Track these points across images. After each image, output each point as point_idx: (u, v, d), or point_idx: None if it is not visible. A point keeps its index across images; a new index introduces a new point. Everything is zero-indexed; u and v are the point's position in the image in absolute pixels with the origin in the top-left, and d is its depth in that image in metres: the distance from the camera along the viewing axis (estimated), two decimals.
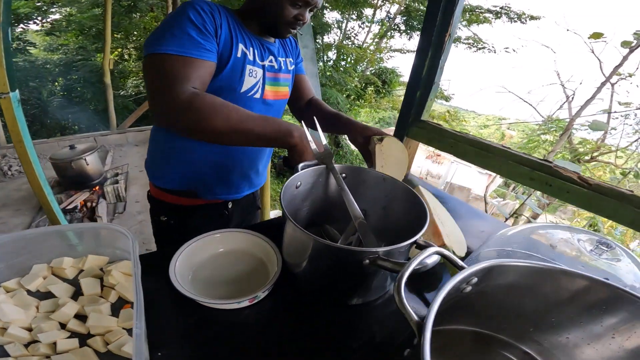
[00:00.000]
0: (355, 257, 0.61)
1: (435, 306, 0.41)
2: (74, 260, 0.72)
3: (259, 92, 0.96)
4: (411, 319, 0.41)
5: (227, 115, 0.74)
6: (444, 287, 0.44)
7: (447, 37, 1.43)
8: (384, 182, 0.88)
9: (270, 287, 0.71)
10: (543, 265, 0.53)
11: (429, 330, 0.38)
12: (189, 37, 0.76)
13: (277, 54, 1.03)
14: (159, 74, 0.74)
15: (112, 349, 0.56)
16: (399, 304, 0.43)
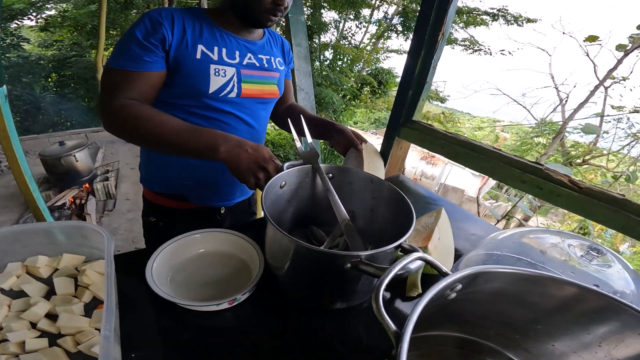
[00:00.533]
0: (337, 261, 0.59)
1: (415, 316, 0.39)
2: (49, 259, 0.70)
3: (235, 91, 0.94)
4: (389, 328, 0.39)
5: (149, 128, 0.78)
6: (425, 295, 0.42)
7: (440, 36, 1.41)
8: (372, 183, 0.86)
9: (252, 289, 0.69)
10: (530, 272, 0.51)
11: (406, 342, 0.36)
12: (130, 51, 0.81)
13: (259, 52, 1.00)
14: (101, 87, 0.83)
15: (83, 349, 0.55)
16: (377, 313, 0.41)
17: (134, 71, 0.81)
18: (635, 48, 5.92)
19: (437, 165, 14.76)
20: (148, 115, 0.79)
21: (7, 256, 0.68)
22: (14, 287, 0.65)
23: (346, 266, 0.58)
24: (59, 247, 0.71)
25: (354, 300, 0.72)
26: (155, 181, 1.08)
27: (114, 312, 0.50)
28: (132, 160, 4.74)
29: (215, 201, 1.11)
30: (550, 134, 8.14)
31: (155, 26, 0.82)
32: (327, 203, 0.82)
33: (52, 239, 0.71)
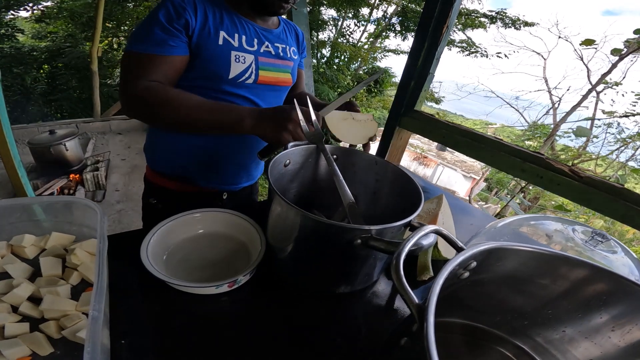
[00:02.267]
0: (346, 235, 0.57)
1: (437, 288, 0.37)
2: (36, 238, 0.65)
3: (252, 78, 0.94)
4: (411, 301, 0.37)
5: (176, 106, 0.78)
6: (444, 268, 0.41)
7: (445, 29, 1.42)
8: (376, 165, 0.86)
9: (252, 271, 0.66)
10: (547, 250, 0.50)
11: (432, 314, 0.34)
12: (154, 35, 0.80)
13: (275, 41, 1.01)
14: (123, 70, 0.83)
15: (67, 334, 0.50)
16: (398, 284, 0.39)
17: (159, 55, 0.81)
18: (631, 52, 5.97)
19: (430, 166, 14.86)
20: (173, 95, 0.79)
21: None
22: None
23: (356, 242, 0.56)
24: (47, 225, 0.66)
25: (357, 284, 0.71)
26: (161, 162, 1.08)
27: (105, 292, 0.46)
28: (122, 152, 4.66)
29: (220, 184, 1.10)
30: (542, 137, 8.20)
31: (178, 11, 0.82)
32: (329, 185, 0.82)
33: (40, 216, 0.66)
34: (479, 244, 0.46)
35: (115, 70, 8.49)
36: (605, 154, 7.61)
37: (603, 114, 7.22)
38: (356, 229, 0.56)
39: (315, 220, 0.58)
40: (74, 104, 6.95)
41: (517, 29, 9.51)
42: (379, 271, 0.73)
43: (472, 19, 9.42)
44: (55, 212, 0.67)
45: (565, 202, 8.42)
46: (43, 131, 3.66)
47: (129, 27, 8.39)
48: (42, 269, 0.59)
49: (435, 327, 0.56)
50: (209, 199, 1.12)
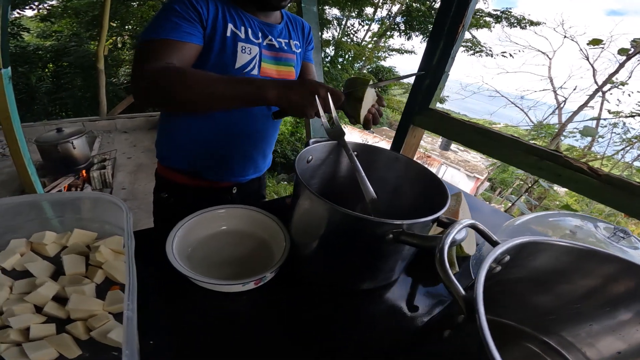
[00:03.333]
0: (378, 230, 0.56)
1: (482, 279, 0.37)
2: (56, 235, 0.63)
3: (256, 69, 0.96)
4: (458, 293, 0.38)
5: (195, 81, 0.74)
6: (486, 260, 0.41)
7: (461, 28, 1.41)
8: (397, 161, 0.85)
9: (278, 267, 0.65)
10: (581, 246, 0.50)
11: (481, 304, 0.34)
12: (171, 23, 0.81)
13: (278, 35, 1.03)
14: (138, 57, 0.81)
15: (96, 335, 0.48)
16: (444, 276, 0.39)
17: (177, 40, 0.81)
18: (638, 52, 5.93)
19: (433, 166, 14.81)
20: (192, 72, 0.76)
21: (9, 232, 0.61)
22: (17, 266, 0.58)
23: (388, 237, 0.55)
24: (68, 221, 0.64)
25: (381, 280, 0.70)
26: (172, 157, 1.08)
27: (136, 291, 0.44)
28: (128, 150, 4.66)
29: (228, 176, 1.11)
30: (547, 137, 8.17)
31: (192, 2, 0.84)
32: (349, 182, 0.83)
33: (61, 213, 0.64)
34: (513, 239, 0.47)
35: (119, 69, 8.50)
36: (611, 154, 7.57)
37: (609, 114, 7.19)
38: (389, 223, 0.55)
39: (347, 214, 0.56)
40: (78, 103, 6.96)
41: (522, 28, 9.47)
42: (402, 268, 0.72)
43: (477, 18, 9.37)
44: (76, 208, 0.65)
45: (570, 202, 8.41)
46: (50, 129, 3.66)
47: (132, 26, 8.41)
48: (65, 267, 0.57)
49: None
50: (219, 193, 1.13)
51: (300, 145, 8.67)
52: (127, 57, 8.71)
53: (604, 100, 7.83)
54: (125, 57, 8.72)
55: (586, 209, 7.06)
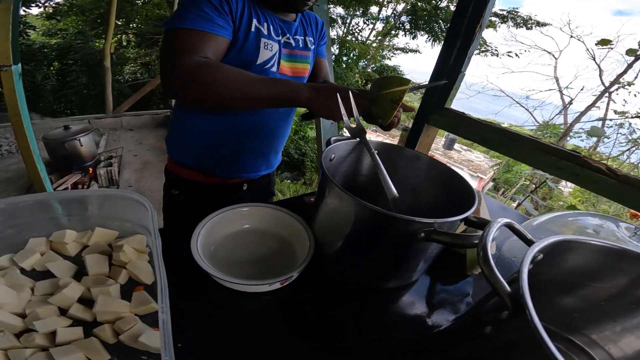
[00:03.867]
0: (410, 228, 0.55)
1: (525, 276, 0.38)
2: (77, 234, 0.61)
3: (275, 66, 0.97)
4: (503, 290, 0.39)
5: (233, 80, 0.74)
6: (526, 256, 0.41)
7: (478, 28, 1.40)
8: (418, 161, 0.84)
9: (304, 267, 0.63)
10: (614, 245, 0.49)
11: (529, 299, 0.35)
12: (203, 13, 0.78)
13: (294, 32, 1.03)
14: (169, 47, 0.77)
15: (125, 339, 0.46)
16: (490, 273, 0.40)
17: (209, 32, 0.79)
18: None
19: None
20: (229, 69, 0.75)
21: (27, 230, 0.59)
22: (36, 266, 0.56)
23: (419, 235, 0.55)
24: (88, 219, 0.63)
25: (406, 279, 0.70)
26: (183, 153, 1.08)
27: (167, 292, 0.42)
28: (134, 148, 4.66)
29: (240, 173, 1.12)
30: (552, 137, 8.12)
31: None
32: (369, 180, 0.85)
33: (79, 211, 0.63)
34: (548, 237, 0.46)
35: (124, 67, 8.50)
36: (616, 155, 7.53)
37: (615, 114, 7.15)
38: (420, 222, 0.54)
39: (379, 212, 0.55)
40: (84, 101, 6.97)
41: (528, 28, 9.42)
42: (425, 267, 0.71)
43: None
44: (96, 206, 0.63)
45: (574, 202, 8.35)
46: (56, 127, 3.65)
47: (137, 24, 8.41)
48: (88, 267, 0.55)
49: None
50: (230, 190, 1.14)
51: (303, 144, 8.67)
52: (132, 55, 8.71)
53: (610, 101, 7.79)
54: (130, 55, 8.73)
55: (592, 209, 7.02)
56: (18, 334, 0.46)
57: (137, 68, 8.50)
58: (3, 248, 0.57)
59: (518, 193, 8.41)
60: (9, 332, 0.44)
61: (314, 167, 7.64)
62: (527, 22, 9.20)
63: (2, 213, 0.55)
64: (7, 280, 0.51)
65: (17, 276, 0.52)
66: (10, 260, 0.55)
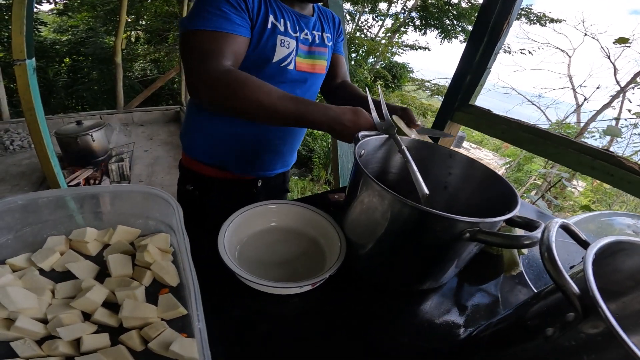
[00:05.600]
0: (454, 228, 0.52)
1: (591, 277, 0.36)
2: (98, 232, 0.58)
3: (292, 64, 0.95)
4: (572, 291, 0.37)
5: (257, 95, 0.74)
6: (588, 257, 0.39)
7: (506, 24, 1.38)
8: (450, 158, 0.80)
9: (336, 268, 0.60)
10: None
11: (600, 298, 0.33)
12: (222, 13, 0.77)
13: (312, 28, 1.02)
14: (194, 51, 0.77)
15: (155, 347, 0.42)
16: (556, 275, 0.38)
17: (231, 33, 0.78)
18: None
19: None
20: (257, 83, 0.75)
21: (46, 227, 0.56)
22: (56, 266, 0.53)
23: (465, 236, 0.52)
24: (108, 217, 0.60)
25: (442, 280, 0.67)
26: (200, 149, 1.07)
27: (200, 297, 0.39)
28: (145, 143, 4.66)
29: (256, 170, 1.11)
30: None
31: None
32: (398, 178, 0.83)
33: (99, 208, 0.59)
34: (602, 239, 0.44)
35: (134, 64, 8.52)
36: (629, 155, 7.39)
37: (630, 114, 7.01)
38: (466, 222, 0.51)
39: (421, 210, 0.51)
40: (95, 96, 7.00)
41: (542, 25, 9.26)
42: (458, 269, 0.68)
43: None
44: (118, 203, 0.60)
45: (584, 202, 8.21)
46: (69, 122, 3.67)
47: (145, 21, 8.41)
48: (111, 269, 0.52)
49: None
50: (244, 186, 1.13)
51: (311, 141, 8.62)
52: (142, 52, 8.73)
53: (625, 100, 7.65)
54: (139, 52, 8.74)
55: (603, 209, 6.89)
56: (39, 340, 0.42)
57: (146, 64, 8.51)
58: (20, 247, 0.54)
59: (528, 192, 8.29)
60: (31, 339, 0.41)
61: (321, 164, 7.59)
62: (541, 19, 9.04)
63: (20, 210, 0.52)
64: (26, 282, 0.48)
65: (37, 278, 0.49)
66: (28, 260, 0.52)
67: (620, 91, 7.39)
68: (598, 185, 7.88)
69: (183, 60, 0.80)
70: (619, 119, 7.55)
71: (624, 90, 7.46)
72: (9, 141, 4.12)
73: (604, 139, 7.67)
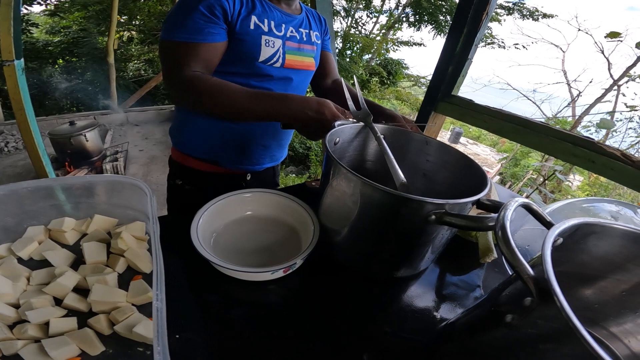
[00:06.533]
0: (420, 211, 0.53)
1: (549, 258, 0.34)
2: (76, 222, 0.60)
3: (280, 61, 0.97)
4: (527, 273, 0.35)
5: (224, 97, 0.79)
6: (547, 239, 0.38)
7: (485, 15, 1.40)
8: (427, 145, 0.81)
9: (308, 254, 0.61)
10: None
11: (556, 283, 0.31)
12: (194, 23, 0.81)
13: (299, 26, 1.03)
14: (167, 59, 0.84)
15: (120, 330, 0.44)
16: (510, 255, 0.37)
17: (201, 43, 0.83)
18: None
19: None
20: (219, 86, 0.80)
21: (27, 218, 0.58)
22: (34, 255, 0.55)
23: (430, 218, 0.52)
24: (88, 207, 0.61)
25: (416, 268, 0.67)
26: (189, 144, 1.09)
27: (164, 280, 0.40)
28: (140, 143, 4.67)
29: (244, 165, 1.12)
30: None
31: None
32: (376, 167, 0.83)
33: (78, 198, 0.61)
34: (568, 220, 0.42)
35: (128, 64, 8.50)
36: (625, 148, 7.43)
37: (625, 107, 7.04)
38: (432, 203, 0.52)
39: (387, 192, 0.52)
40: (90, 97, 6.99)
41: (534, 20, 9.28)
42: (435, 255, 0.69)
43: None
44: (96, 193, 0.62)
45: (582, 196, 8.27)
46: (63, 123, 3.67)
47: (139, 21, 8.38)
48: (85, 255, 0.53)
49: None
50: (233, 180, 1.14)
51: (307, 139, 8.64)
52: (135, 52, 8.70)
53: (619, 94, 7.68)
54: (133, 52, 8.72)
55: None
56: (12, 325, 0.44)
57: (141, 65, 8.50)
58: (2, 237, 0.55)
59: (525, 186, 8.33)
60: (2, 323, 0.43)
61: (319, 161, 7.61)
62: (534, 14, 9.06)
63: (2, 200, 0.54)
64: (4, 269, 0.50)
65: (14, 265, 0.51)
66: (8, 250, 0.54)
67: (613, 84, 7.42)
68: (595, 180, 7.93)
69: (162, 70, 0.86)
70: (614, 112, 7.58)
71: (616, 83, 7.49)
72: (3, 143, 4.13)
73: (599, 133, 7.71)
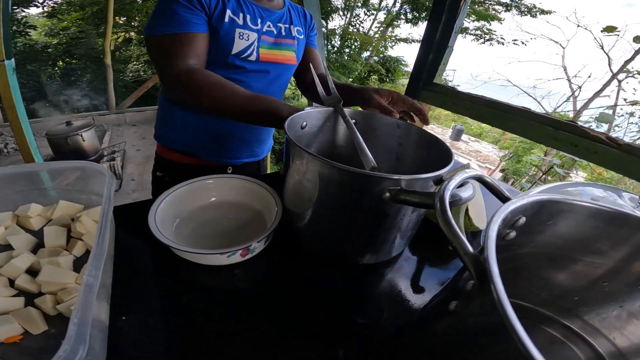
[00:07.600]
0: (374, 187, 0.51)
1: (494, 234, 0.30)
2: (42, 208, 0.61)
3: (254, 55, 0.98)
4: (465, 251, 0.31)
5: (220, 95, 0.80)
6: (497, 214, 0.33)
7: (463, 2, 1.40)
8: (398, 128, 0.80)
9: (268, 239, 0.61)
10: (611, 208, 0.40)
11: (494, 262, 0.27)
12: (178, 15, 0.82)
13: (278, 21, 1.05)
14: (157, 54, 0.84)
15: (62, 310, 0.45)
16: (447, 229, 0.32)
17: (188, 33, 0.84)
18: None
19: None
20: (217, 82, 0.81)
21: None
22: (0, 240, 0.56)
23: (384, 195, 0.50)
24: (55, 194, 0.62)
25: (383, 254, 0.65)
26: (169, 137, 1.11)
27: (104, 259, 0.41)
28: (137, 142, 4.70)
29: (222, 158, 1.14)
30: None
31: None
32: (348, 152, 0.81)
33: (47, 184, 0.62)
34: (528, 195, 0.38)
35: (127, 65, 8.54)
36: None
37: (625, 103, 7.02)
38: (385, 178, 0.50)
39: (339, 168, 0.51)
40: (88, 98, 7.03)
41: (532, 16, 9.25)
42: (405, 242, 0.67)
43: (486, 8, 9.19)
44: (64, 179, 0.63)
45: None
46: (60, 123, 3.70)
47: (137, 22, 8.42)
48: (45, 239, 0.54)
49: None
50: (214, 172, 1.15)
51: None
52: (134, 53, 8.74)
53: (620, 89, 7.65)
54: (132, 53, 8.75)
55: None
56: None
57: (140, 65, 8.53)
58: None
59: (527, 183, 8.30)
60: None
61: None
62: (532, 10, 9.04)
63: None
64: None
65: None
66: None
67: (612, 79, 7.39)
68: (598, 175, 7.90)
69: (154, 66, 0.87)
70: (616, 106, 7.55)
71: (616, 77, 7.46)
72: (2, 144, 4.18)
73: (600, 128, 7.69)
